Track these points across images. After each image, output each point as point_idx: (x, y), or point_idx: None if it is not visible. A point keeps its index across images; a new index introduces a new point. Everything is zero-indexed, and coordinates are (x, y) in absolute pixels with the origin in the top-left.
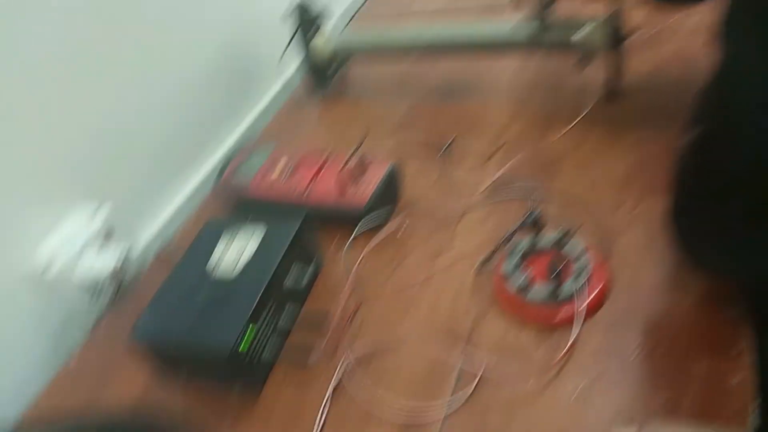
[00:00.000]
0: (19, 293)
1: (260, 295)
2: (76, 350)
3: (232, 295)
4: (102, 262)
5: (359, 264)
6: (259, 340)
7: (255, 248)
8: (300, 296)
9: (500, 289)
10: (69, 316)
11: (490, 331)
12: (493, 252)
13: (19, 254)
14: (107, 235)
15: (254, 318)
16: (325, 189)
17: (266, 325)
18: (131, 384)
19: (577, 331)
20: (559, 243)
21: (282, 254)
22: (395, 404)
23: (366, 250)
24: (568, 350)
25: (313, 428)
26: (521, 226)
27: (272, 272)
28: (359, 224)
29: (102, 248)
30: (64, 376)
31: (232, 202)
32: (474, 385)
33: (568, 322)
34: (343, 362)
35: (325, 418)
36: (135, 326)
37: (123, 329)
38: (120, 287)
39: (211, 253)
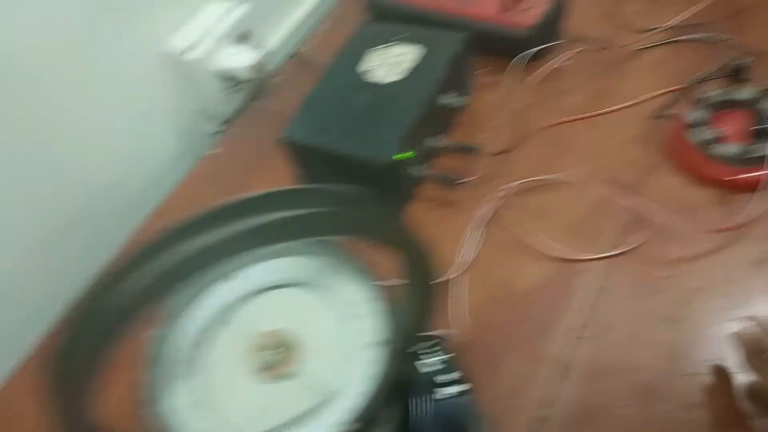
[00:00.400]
0: (157, 73)
1: (419, 109)
2: (214, 144)
3: (388, 106)
4: (239, 58)
5: (517, 95)
6: (414, 155)
7: (413, 61)
8: (453, 120)
9: (679, 141)
10: (205, 107)
11: (661, 183)
12: (675, 99)
13: (158, 34)
14: (244, 34)
15: (412, 131)
16: (484, 5)
17: (421, 141)
18: (273, 181)
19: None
20: (759, 101)
21: (442, 72)
22: (552, 240)
23: (526, 80)
24: (755, 218)
25: (455, 252)
26: (714, 75)
27: (431, 88)
28: (519, 51)
29: (239, 45)
30: (201, 170)
31: (371, 7)
32: (639, 235)
33: (757, 186)
34: (499, 192)
35: (479, 242)
36: (288, 125)
37: (262, 128)
38: (256, 86)
39: (364, 60)
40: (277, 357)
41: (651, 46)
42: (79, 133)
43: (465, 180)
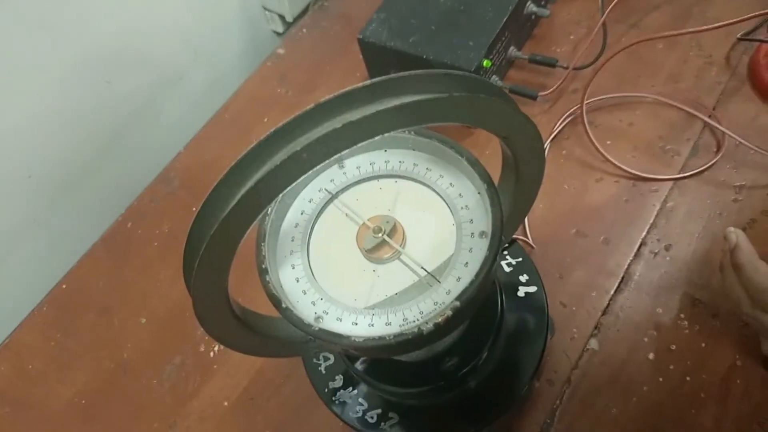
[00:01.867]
0: None
1: (505, 16)
2: (280, 43)
3: (472, 10)
4: None
5: (600, 9)
6: (490, 64)
7: None
8: (532, 30)
9: (762, 68)
10: (271, 4)
11: (739, 110)
12: (761, 23)
13: None
14: None
15: (496, 40)
16: None
17: (500, 50)
18: (342, 83)
19: None
20: None
21: None
22: (625, 158)
23: None
24: None
25: None
26: None
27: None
28: None
29: None
30: (267, 69)
31: None
32: (711, 158)
33: None
34: (574, 108)
35: (553, 156)
36: (367, 25)
37: (330, 29)
38: None
39: None
40: (382, 240)
41: None
42: (148, 22)
43: (542, 94)
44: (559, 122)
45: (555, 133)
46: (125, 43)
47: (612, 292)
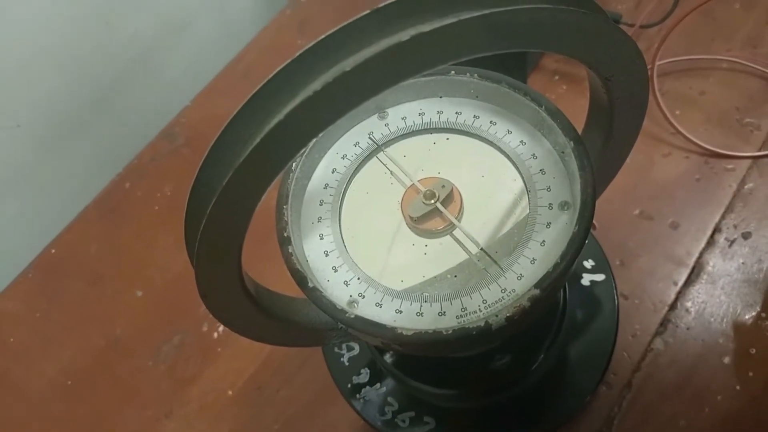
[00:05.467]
0: None
1: None
2: None
3: None
4: None
5: None
6: None
7: None
8: None
9: None
10: None
11: None
12: None
13: None
14: None
15: None
16: None
17: None
18: None
19: None
20: None
21: None
22: (696, 130)
23: None
24: None
25: None
26: None
27: None
28: None
29: None
30: (285, 18)
31: None
32: None
33: None
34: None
35: None
36: None
37: None
38: None
39: None
40: (434, 208)
41: None
42: None
43: None
44: None
45: None
46: None
47: (681, 284)
